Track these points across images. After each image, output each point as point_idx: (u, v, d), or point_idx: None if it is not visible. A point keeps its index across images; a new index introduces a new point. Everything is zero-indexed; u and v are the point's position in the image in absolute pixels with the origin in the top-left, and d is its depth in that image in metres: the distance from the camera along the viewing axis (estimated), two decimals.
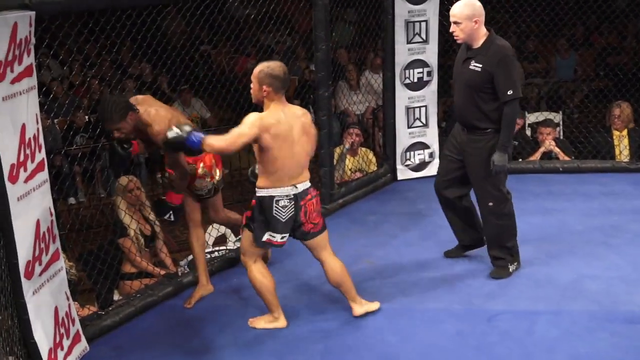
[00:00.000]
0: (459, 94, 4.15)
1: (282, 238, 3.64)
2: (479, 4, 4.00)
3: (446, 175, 4.34)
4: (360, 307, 3.86)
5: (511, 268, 4.32)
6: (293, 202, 3.57)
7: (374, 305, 3.90)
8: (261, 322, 3.87)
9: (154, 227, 5.01)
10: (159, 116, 3.79)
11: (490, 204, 4.18)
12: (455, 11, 3.97)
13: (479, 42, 3.98)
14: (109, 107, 3.70)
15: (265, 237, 3.62)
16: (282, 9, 5.57)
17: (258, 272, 3.74)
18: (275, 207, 3.55)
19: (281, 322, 3.84)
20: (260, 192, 3.59)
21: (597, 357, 3.51)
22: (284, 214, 3.56)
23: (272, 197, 3.55)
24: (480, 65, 3.93)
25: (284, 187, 3.55)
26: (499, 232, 4.26)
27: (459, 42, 4.06)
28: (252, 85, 3.56)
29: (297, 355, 3.63)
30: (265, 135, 3.45)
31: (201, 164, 4.11)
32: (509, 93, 3.89)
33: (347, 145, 6.16)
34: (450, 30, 4.01)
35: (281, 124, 3.50)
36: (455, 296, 4.15)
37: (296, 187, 3.57)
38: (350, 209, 5.58)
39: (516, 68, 3.99)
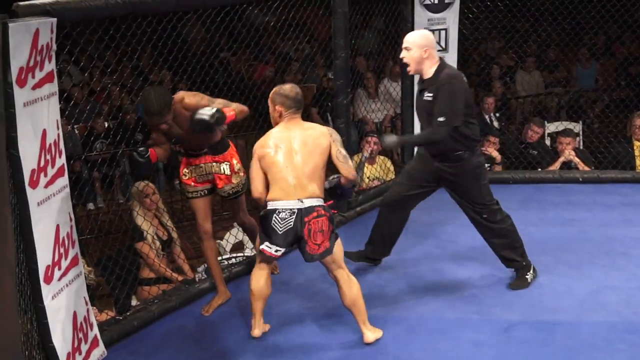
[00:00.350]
0: (422, 126, 4.21)
1: (277, 251, 3.59)
2: (432, 37, 4.09)
3: (408, 191, 4.35)
4: (372, 333, 3.75)
5: (529, 277, 4.31)
6: (294, 217, 3.52)
7: (380, 332, 3.80)
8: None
9: (171, 232, 5.04)
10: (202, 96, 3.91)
11: (485, 215, 4.21)
12: (409, 37, 4.03)
13: (429, 73, 4.00)
14: (158, 99, 3.74)
15: (262, 246, 3.61)
16: (301, 16, 5.59)
17: (256, 275, 3.77)
18: (275, 217, 3.54)
19: (253, 332, 3.81)
20: (267, 205, 3.60)
21: None
22: (281, 226, 3.54)
23: (274, 209, 3.55)
24: (432, 95, 3.96)
25: (289, 200, 3.54)
26: (503, 235, 4.26)
27: (409, 72, 4.11)
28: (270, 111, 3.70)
29: None
30: (259, 152, 3.62)
31: (234, 160, 4.15)
32: (439, 119, 3.90)
33: (366, 154, 6.16)
34: (400, 56, 4.05)
35: (271, 139, 3.61)
36: (472, 306, 4.13)
37: (302, 202, 3.54)
38: (367, 217, 5.56)
39: (457, 96, 3.93)
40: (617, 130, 7.23)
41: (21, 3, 3.04)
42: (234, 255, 5.16)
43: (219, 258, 4.89)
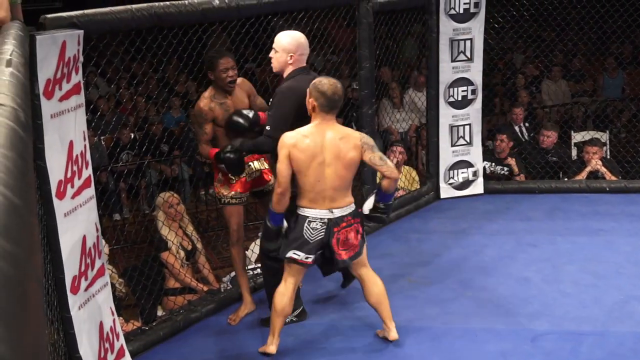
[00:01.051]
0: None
1: (307, 258, 3.55)
2: (303, 40, 3.83)
3: None
4: (396, 332, 3.75)
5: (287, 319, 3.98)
6: (325, 227, 3.50)
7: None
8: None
9: (195, 242, 5.06)
10: None
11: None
12: (276, 38, 3.83)
13: (284, 76, 3.84)
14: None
15: (290, 254, 3.56)
16: (325, 27, 5.60)
17: (281, 290, 3.65)
18: (306, 227, 3.50)
19: (269, 349, 3.71)
20: (298, 210, 3.55)
21: None
22: (312, 235, 3.51)
23: (305, 217, 3.51)
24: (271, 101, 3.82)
25: (320, 209, 3.50)
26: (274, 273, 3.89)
27: (274, 71, 3.89)
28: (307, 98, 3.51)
29: None
30: (292, 151, 3.44)
31: (260, 159, 4.18)
32: (266, 128, 3.72)
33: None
34: (270, 55, 3.86)
35: (306, 141, 3.45)
36: (499, 316, 4.09)
37: (332, 212, 3.51)
38: (392, 227, 5.56)
39: (286, 108, 3.70)
40: None
41: (48, 15, 3.09)
42: (259, 265, 5.16)
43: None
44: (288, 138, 3.45)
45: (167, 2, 3.71)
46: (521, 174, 6.41)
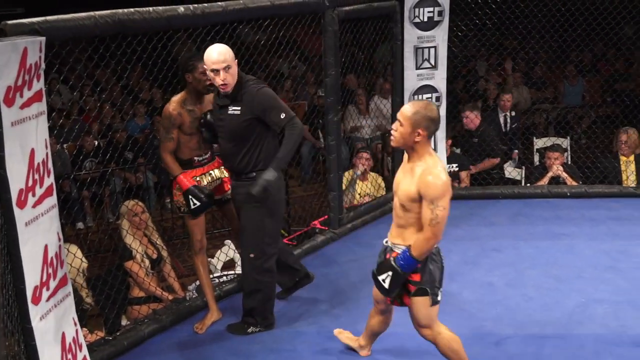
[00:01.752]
0: (221, 142, 3.93)
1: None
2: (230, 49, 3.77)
3: None
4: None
5: (251, 329, 4.04)
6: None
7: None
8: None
9: (161, 251, 5.00)
10: None
11: (251, 255, 3.91)
12: (223, 56, 3.66)
13: (231, 87, 3.76)
14: None
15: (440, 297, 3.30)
16: (291, 35, 5.60)
17: (447, 333, 3.38)
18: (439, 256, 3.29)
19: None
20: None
21: None
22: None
23: (437, 248, 3.24)
24: (239, 109, 3.75)
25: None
26: (256, 289, 3.97)
27: (227, 90, 3.74)
28: (397, 127, 3.09)
29: None
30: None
31: (220, 167, 4.17)
32: (282, 117, 3.71)
33: (359, 171, 6.15)
34: (222, 78, 3.66)
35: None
36: (463, 320, 4.11)
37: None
38: (359, 233, 5.56)
39: (273, 94, 3.80)
40: (604, 145, 7.28)
41: (9, 22, 3.03)
42: (225, 273, 5.12)
43: (210, 276, 4.85)
44: (447, 181, 3.07)
45: (131, 9, 3.66)
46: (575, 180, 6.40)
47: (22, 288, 3.03)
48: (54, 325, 3.25)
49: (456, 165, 6.56)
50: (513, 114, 7.32)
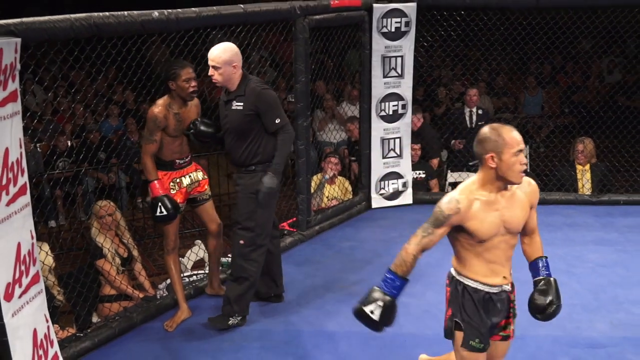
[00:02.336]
0: (226, 136, 4.01)
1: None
2: (237, 48, 3.90)
3: None
4: None
5: (231, 321, 4.03)
6: None
7: None
8: None
9: (132, 250, 4.97)
10: None
11: (241, 241, 3.96)
12: (214, 56, 3.83)
13: (236, 84, 3.89)
14: None
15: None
16: (263, 41, 5.59)
17: None
18: None
19: None
20: None
21: None
22: None
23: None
24: (241, 105, 3.86)
25: None
26: (241, 276, 3.99)
27: (218, 85, 3.94)
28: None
29: None
30: None
31: (193, 172, 4.17)
32: (276, 122, 3.85)
33: (328, 175, 6.16)
34: (209, 74, 3.87)
35: None
36: (427, 321, 4.15)
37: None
38: (326, 235, 5.58)
39: (275, 98, 3.93)
40: (561, 154, 7.38)
41: None
42: (195, 272, 5.10)
43: (181, 275, 4.82)
44: None
45: (107, 13, 3.64)
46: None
47: None
48: (26, 321, 3.21)
49: (423, 172, 6.60)
50: (480, 111, 7.28)
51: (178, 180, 4.08)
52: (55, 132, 7.98)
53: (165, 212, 3.94)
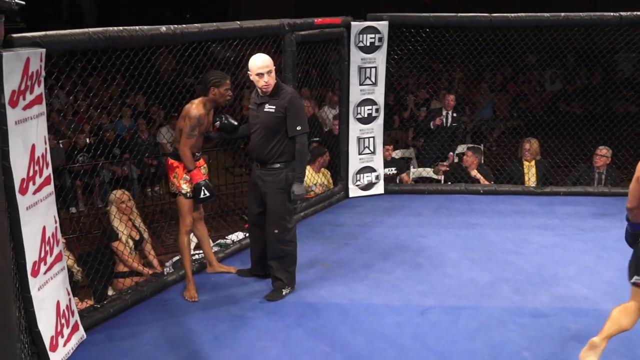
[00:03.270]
0: (255, 135, 3.95)
1: None
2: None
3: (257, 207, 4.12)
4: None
5: (285, 291, 4.07)
6: None
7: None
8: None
9: (143, 233, 4.93)
10: None
11: (276, 231, 3.97)
12: (267, 62, 3.82)
13: (270, 89, 3.86)
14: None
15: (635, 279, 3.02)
16: (256, 53, 5.53)
17: (630, 307, 3.08)
18: None
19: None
20: None
21: (508, 344, 3.55)
22: None
23: None
24: (274, 107, 3.82)
25: None
26: (282, 255, 4.03)
27: (268, 90, 3.85)
28: None
29: (265, 342, 3.59)
30: None
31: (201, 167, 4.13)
32: (298, 128, 3.81)
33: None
34: (265, 81, 3.81)
35: None
36: (395, 294, 4.16)
37: None
38: (309, 220, 5.57)
39: (302, 107, 3.89)
40: (511, 152, 7.42)
41: (14, 35, 2.96)
42: (197, 252, 5.08)
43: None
44: None
45: (120, 27, 3.60)
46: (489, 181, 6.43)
47: (23, 263, 2.97)
48: (50, 294, 3.19)
49: (395, 168, 6.61)
50: (455, 114, 7.21)
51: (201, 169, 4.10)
52: (76, 131, 7.91)
53: (208, 194, 3.96)
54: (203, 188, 3.95)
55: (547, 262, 4.67)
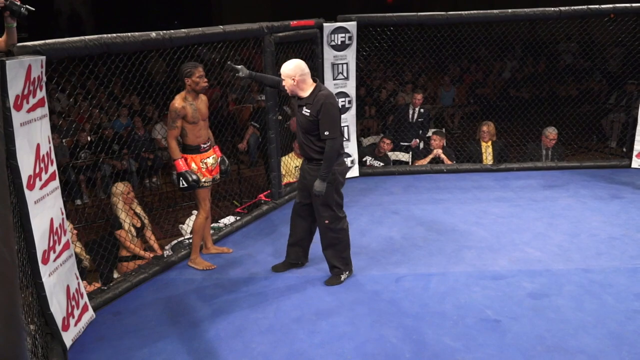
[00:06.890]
0: (298, 133, 3.80)
1: None
2: (298, 65, 3.65)
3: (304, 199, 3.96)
4: None
5: (343, 277, 3.94)
6: None
7: None
8: None
9: (143, 220, 4.88)
10: None
11: (327, 221, 3.81)
12: (285, 70, 3.67)
13: (306, 93, 3.66)
14: None
15: None
16: (239, 54, 5.48)
17: None
18: None
19: None
20: None
21: (473, 305, 3.59)
22: None
23: None
24: (309, 112, 3.63)
25: None
26: (335, 243, 3.88)
27: (291, 93, 3.71)
28: None
29: (258, 314, 3.58)
30: None
31: (214, 155, 4.08)
32: (325, 134, 3.59)
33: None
34: (285, 85, 3.69)
35: None
36: (372, 264, 4.17)
37: None
38: (293, 202, 5.54)
39: (334, 113, 3.59)
40: (470, 135, 7.46)
41: (17, 44, 2.88)
42: (188, 238, 5.04)
43: (182, 238, 4.76)
44: None
45: (114, 34, 3.52)
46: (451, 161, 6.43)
47: (34, 252, 2.92)
48: (60, 279, 3.14)
49: (373, 159, 6.59)
50: (422, 110, 7.11)
51: (205, 160, 4.01)
52: (77, 130, 7.77)
53: (186, 185, 3.89)
54: (181, 179, 3.88)
55: (505, 230, 4.71)
